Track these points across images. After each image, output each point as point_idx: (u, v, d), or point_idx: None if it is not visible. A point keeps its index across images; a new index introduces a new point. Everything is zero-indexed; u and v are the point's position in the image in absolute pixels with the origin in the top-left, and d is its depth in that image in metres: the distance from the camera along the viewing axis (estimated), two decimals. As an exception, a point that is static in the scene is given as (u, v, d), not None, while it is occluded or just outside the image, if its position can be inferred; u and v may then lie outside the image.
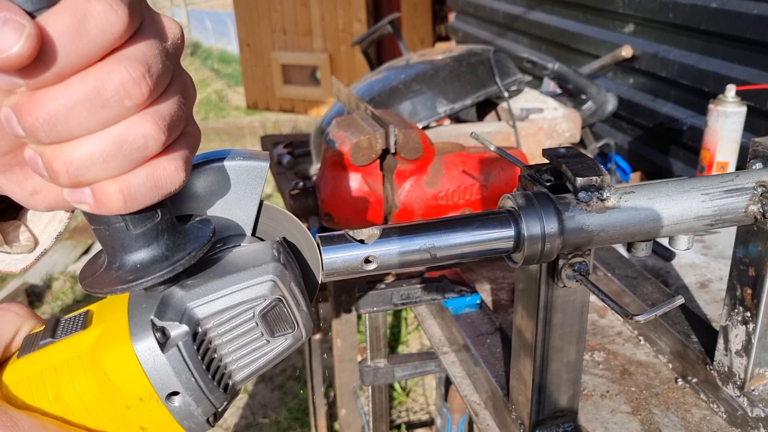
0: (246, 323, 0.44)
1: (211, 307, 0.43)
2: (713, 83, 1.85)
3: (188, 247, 0.42)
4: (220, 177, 0.47)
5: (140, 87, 0.34)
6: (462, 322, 1.09)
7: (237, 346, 0.45)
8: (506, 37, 3.28)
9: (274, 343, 0.46)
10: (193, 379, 0.42)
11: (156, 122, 0.35)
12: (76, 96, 0.33)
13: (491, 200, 1.38)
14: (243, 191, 0.48)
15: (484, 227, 0.64)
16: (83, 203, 0.36)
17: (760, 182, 0.72)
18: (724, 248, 1.37)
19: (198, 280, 0.44)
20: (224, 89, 7.93)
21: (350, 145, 1.29)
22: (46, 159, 0.34)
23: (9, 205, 0.50)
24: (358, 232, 0.59)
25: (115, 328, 0.42)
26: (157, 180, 0.37)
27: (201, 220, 0.45)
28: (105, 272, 0.41)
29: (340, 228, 0.60)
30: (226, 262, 0.46)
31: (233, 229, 0.49)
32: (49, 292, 3.68)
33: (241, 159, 0.47)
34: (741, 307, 0.82)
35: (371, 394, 1.57)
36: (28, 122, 0.33)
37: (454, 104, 1.73)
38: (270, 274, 0.44)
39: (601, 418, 0.90)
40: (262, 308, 0.44)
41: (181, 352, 0.42)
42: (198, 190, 0.46)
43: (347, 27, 6.03)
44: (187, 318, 0.42)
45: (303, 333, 0.47)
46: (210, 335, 0.44)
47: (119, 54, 0.34)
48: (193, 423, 0.43)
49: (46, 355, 0.43)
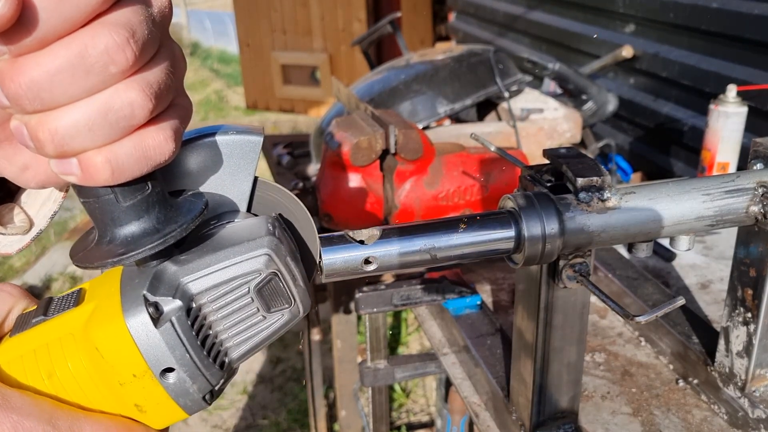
0: (241, 298, 0.44)
1: (205, 281, 0.42)
2: (714, 83, 1.85)
3: (180, 219, 0.41)
4: (213, 152, 0.46)
5: (125, 52, 0.33)
6: (462, 323, 1.09)
7: (232, 322, 0.44)
8: (507, 37, 3.28)
9: (270, 319, 0.45)
10: (187, 355, 0.41)
11: (143, 89, 0.35)
12: (59, 62, 0.32)
13: (491, 201, 1.38)
14: (237, 166, 0.47)
15: (484, 228, 0.64)
16: (70, 174, 0.36)
17: (761, 183, 0.71)
18: (725, 249, 1.37)
19: (191, 255, 0.43)
20: (224, 89, 7.93)
21: (350, 145, 1.28)
22: (31, 128, 0.34)
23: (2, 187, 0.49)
24: (358, 233, 0.59)
25: (108, 304, 0.41)
26: (145, 150, 0.36)
27: (193, 194, 0.44)
28: (95, 247, 0.40)
29: (340, 229, 0.60)
30: (220, 237, 0.45)
31: (227, 205, 0.48)
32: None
33: (234, 133, 0.46)
34: (742, 308, 0.82)
35: (371, 395, 1.56)
36: (11, 89, 0.32)
37: (455, 104, 1.73)
38: (265, 248, 0.44)
39: (601, 419, 0.90)
40: (257, 283, 0.44)
41: (175, 327, 0.41)
42: (190, 165, 0.46)
43: (347, 27, 6.03)
44: (180, 293, 0.42)
45: (300, 309, 0.46)
46: (204, 311, 0.43)
47: (103, 19, 0.33)
48: (189, 400, 0.43)
49: (38, 333, 0.43)
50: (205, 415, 2.78)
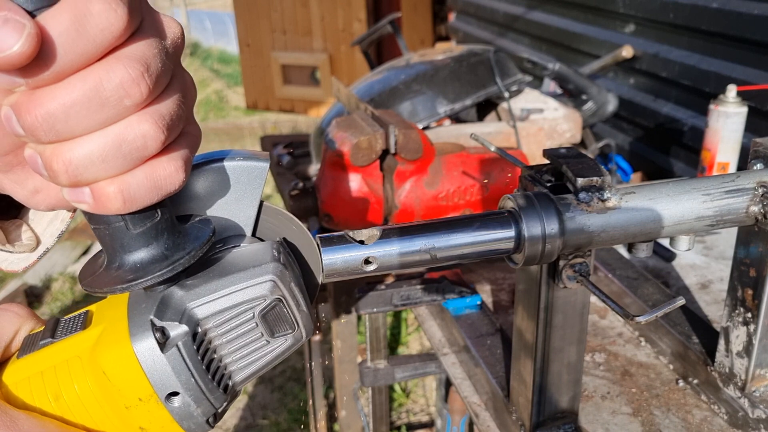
0: (246, 323, 0.44)
1: (211, 307, 0.43)
2: (714, 83, 1.85)
3: (188, 246, 0.42)
4: (220, 177, 0.47)
5: (139, 86, 0.34)
6: (462, 323, 1.09)
7: (237, 347, 0.45)
8: (506, 37, 3.28)
9: (274, 344, 0.46)
10: (192, 380, 0.42)
11: (155, 122, 0.35)
12: (75, 95, 0.33)
13: (491, 201, 1.38)
14: (243, 191, 0.48)
15: (484, 228, 0.64)
16: (83, 203, 0.36)
17: (761, 183, 0.71)
18: (725, 249, 1.37)
19: (198, 280, 0.44)
20: (224, 89, 7.92)
21: (350, 145, 1.28)
22: (46, 158, 0.35)
23: (10, 204, 0.49)
24: (358, 233, 0.59)
25: (115, 328, 0.42)
26: (156, 180, 0.37)
27: (201, 220, 0.45)
28: (104, 272, 0.41)
29: (340, 229, 0.60)
30: (225, 262, 0.46)
31: (233, 229, 0.49)
32: (49, 293, 3.67)
33: (241, 159, 0.47)
34: (742, 308, 0.82)
35: (371, 395, 1.56)
36: (27, 121, 0.33)
37: (454, 104, 1.73)
38: (270, 274, 0.44)
39: (601, 419, 0.90)
40: (262, 308, 0.44)
41: (181, 352, 0.41)
42: (198, 190, 0.46)
43: (347, 27, 6.03)
44: (186, 318, 0.42)
45: (303, 333, 0.47)
46: (210, 335, 0.43)
47: (119, 53, 0.34)
48: (193, 423, 0.43)
49: (45, 355, 0.43)
50: (205, 415, 2.78)
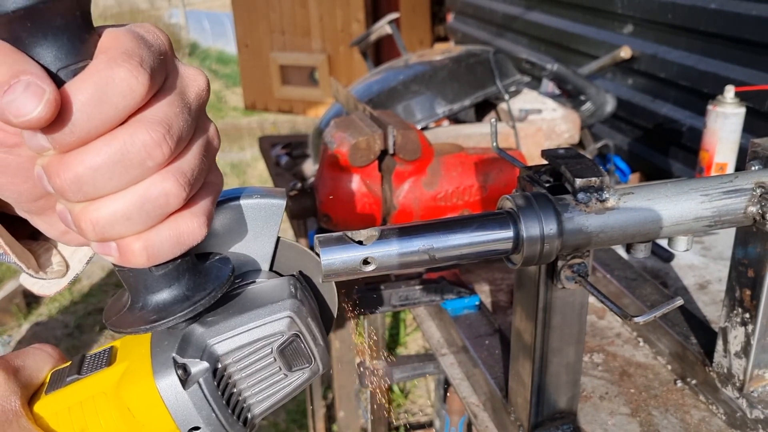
0: (264, 359, 0.46)
1: (231, 343, 0.44)
2: (712, 84, 1.85)
3: (208, 286, 0.43)
4: (238, 215, 0.48)
5: (161, 148, 0.35)
6: (461, 323, 1.09)
7: (255, 381, 0.46)
8: (505, 38, 3.28)
9: (291, 378, 0.47)
10: (213, 415, 0.43)
11: (177, 179, 0.37)
12: (100, 159, 0.34)
13: (490, 201, 1.38)
14: (260, 228, 0.49)
15: (482, 228, 0.64)
16: (109, 256, 0.38)
17: (759, 183, 0.72)
18: (723, 249, 1.37)
19: (218, 317, 0.45)
20: (222, 90, 7.92)
21: (349, 145, 1.28)
22: (75, 216, 0.36)
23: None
24: (356, 234, 0.59)
25: (139, 365, 0.43)
26: (180, 236, 0.38)
27: (220, 259, 0.46)
28: (128, 312, 0.42)
29: (339, 229, 0.60)
30: (244, 298, 0.47)
31: (251, 264, 0.50)
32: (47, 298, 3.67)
33: (258, 197, 0.48)
34: (740, 308, 0.82)
35: (370, 396, 1.56)
36: (57, 183, 0.35)
37: (453, 105, 1.73)
38: (287, 311, 0.46)
39: (600, 419, 0.90)
40: (279, 344, 0.46)
41: (202, 388, 0.43)
42: (216, 228, 0.48)
43: (346, 27, 6.03)
44: (207, 355, 0.43)
45: (320, 367, 0.48)
46: (229, 371, 0.45)
47: (141, 116, 0.35)
48: None
49: (72, 391, 0.45)
50: (203, 416, 2.78)
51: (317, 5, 6.11)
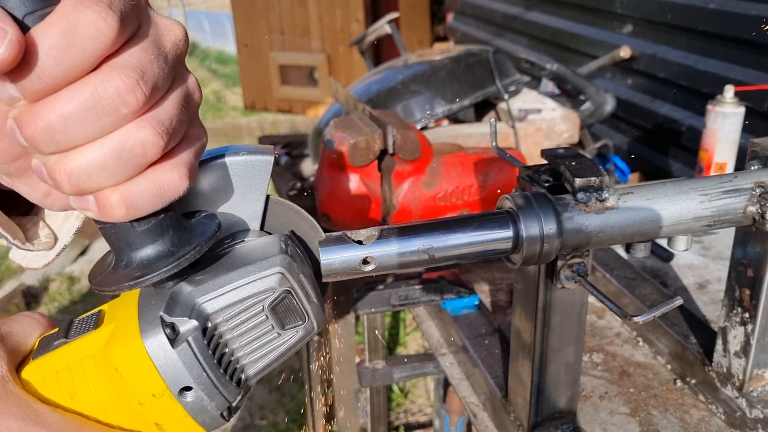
0: (256, 316, 0.45)
1: (220, 301, 0.43)
2: (712, 84, 1.85)
3: (193, 241, 0.42)
4: (225, 174, 0.47)
5: (135, 94, 0.34)
6: (460, 323, 1.09)
7: (248, 340, 0.45)
8: (504, 38, 3.28)
9: (285, 336, 0.46)
10: (204, 374, 0.42)
11: (154, 128, 0.35)
12: (72, 106, 0.33)
13: (490, 201, 1.38)
14: (248, 186, 0.48)
15: (482, 228, 0.64)
16: (87, 210, 0.37)
17: (758, 183, 0.72)
18: (722, 249, 1.37)
19: (206, 276, 0.44)
20: (222, 90, 7.91)
21: (348, 145, 1.28)
22: (49, 168, 0.35)
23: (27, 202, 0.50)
24: (356, 233, 0.59)
25: (126, 326, 0.42)
26: (159, 188, 0.37)
27: (206, 216, 0.45)
28: (112, 271, 0.41)
29: (338, 229, 0.60)
30: (233, 256, 0.46)
31: (240, 224, 0.49)
32: (46, 294, 3.67)
33: (245, 154, 0.47)
34: (739, 308, 0.82)
35: (369, 395, 1.56)
36: (28, 133, 0.34)
37: (453, 105, 1.73)
38: (277, 267, 0.45)
39: (599, 419, 0.90)
40: (271, 301, 0.45)
41: (192, 347, 0.42)
42: (203, 187, 0.47)
43: (345, 27, 6.02)
44: (196, 313, 0.43)
45: (314, 325, 0.47)
46: (220, 330, 0.44)
47: (113, 62, 0.34)
48: (207, 417, 0.44)
49: (60, 355, 0.44)
50: (203, 416, 2.78)
51: (317, 5, 6.11)
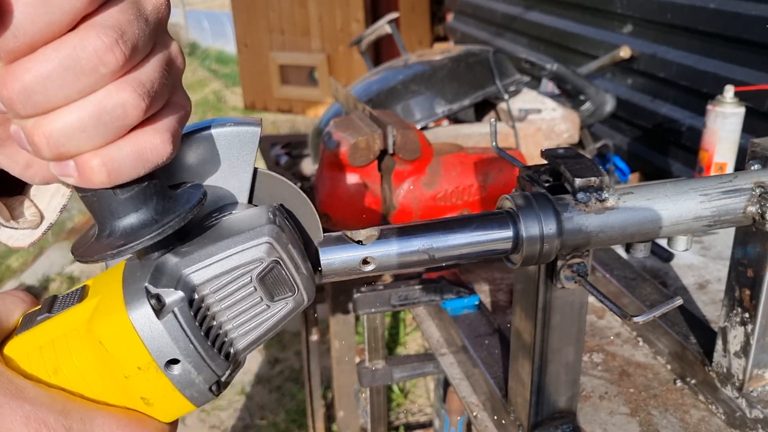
0: (244, 288, 0.44)
1: (207, 272, 0.43)
2: (712, 84, 1.85)
3: (178, 209, 0.41)
4: (211, 145, 0.46)
5: (114, 53, 0.33)
6: (460, 323, 1.09)
7: (236, 312, 0.44)
8: (504, 38, 3.28)
9: (274, 308, 0.45)
10: (191, 346, 0.41)
11: (134, 89, 0.35)
12: (50, 66, 0.33)
13: (490, 201, 1.38)
14: (235, 158, 0.47)
15: (482, 228, 0.64)
16: (68, 176, 0.36)
17: (758, 183, 0.72)
18: (722, 249, 1.37)
19: (193, 247, 0.43)
20: (222, 90, 7.92)
21: (348, 145, 1.28)
22: (27, 132, 0.35)
23: (12, 181, 0.50)
24: (356, 233, 0.59)
25: (110, 299, 0.42)
26: (142, 152, 0.37)
27: (192, 186, 0.44)
28: (96, 241, 0.41)
29: (338, 229, 0.60)
30: (220, 228, 0.45)
31: (228, 198, 0.48)
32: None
33: (232, 125, 0.47)
34: (739, 308, 0.82)
35: (369, 395, 1.56)
36: (4, 95, 0.33)
37: (453, 105, 1.73)
38: (265, 236, 0.44)
39: (599, 419, 0.90)
40: (259, 271, 0.44)
41: (178, 318, 0.41)
42: (188, 159, 0.46)
43: (345, 27, 6.03)
44: (182, 284, 0.42)
45: (305, 297, 0.46)
46: (207, 301, 0.43)
47: (91, 21, 0.33)
48: (195, 392, 0.43)
49: (43, 330, 0.43)
50: (203, 416, 2.78)
51: (316, 5, 6.11)
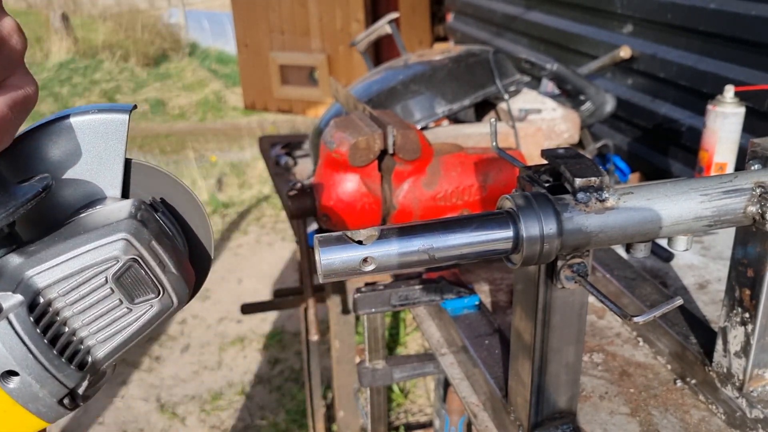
0: (99, 290, 0.40)
1: (55, 273, 0.39)
2: (712, 84, 1.85)
3: (10, 204, 0.38)
4: (71, 135, 0.43)
5: None
6: (460, 323, 1.09)
7: (92, 317, 0.40)
8: (504, 38, 3.28)
9: (137, 311, 0.41)
10: (30, 356, 0.38)
11: None
12: None
13: (490, 201, 1.38)
14: (103, 149, 0.44)
15: (482, 228, 0.64)
16: None
17: (758, 183, 0.72)
18: (722, 249, 1.37)
19: (40, 246, 0.39)
20: (222, 90, 7.92)
21: (348, 145, 1.28)
22: None
23: None
24: (356, 233, 0.59)
25: None
26: None
27: (39, 178, 0.41)
28: None
29: (338, 229, 0.60)
30: (76, 224, 0.42)
31: (97, 192, 0.44)
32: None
33: (95, 112, 0.43)
34: (740, 308, 0.82)
35: (369, 395, 1.56)
36: None
37: (453, 105, 1.73)
38: (122, 233, 0.40)
39: (600, 419, 0.90)
40: (115, 271, 0.40)
41: (13, 325, 0.37)
42: (49, 153, 0.42)
43: (345, 27, 6.03)
44: (23, 288, 0.38)
45: (173, 299, 0.42)
46: (56, 305, 0.39)
47: None
48: (41, 406, 0.39)
49: None
50: (203, 416, 2.78)
51: (317, 5, 6.11)
